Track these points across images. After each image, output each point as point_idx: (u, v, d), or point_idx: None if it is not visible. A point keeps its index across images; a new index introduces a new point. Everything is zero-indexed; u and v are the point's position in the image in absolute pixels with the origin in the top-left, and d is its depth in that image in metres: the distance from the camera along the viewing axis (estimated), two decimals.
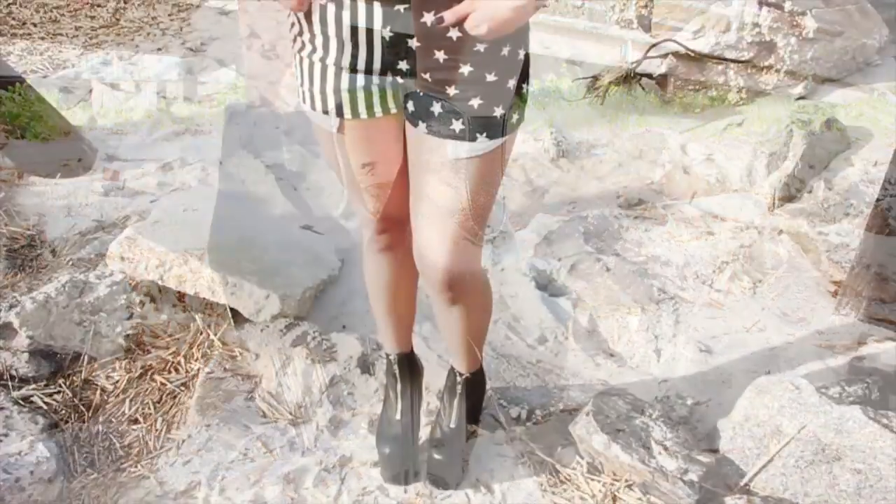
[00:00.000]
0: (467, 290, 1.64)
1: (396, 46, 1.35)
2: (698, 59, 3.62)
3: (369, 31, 1.34)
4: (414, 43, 1.34)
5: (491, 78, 1.37)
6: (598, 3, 4.40)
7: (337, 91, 1.43)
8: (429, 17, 1.30)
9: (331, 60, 1.40)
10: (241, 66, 4.07)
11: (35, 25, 4.75)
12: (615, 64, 3.58)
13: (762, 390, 1.97)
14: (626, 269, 2.65)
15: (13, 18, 4.85)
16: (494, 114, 1.40)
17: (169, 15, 4.87)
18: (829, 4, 3.89)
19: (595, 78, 3.59)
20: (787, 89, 3.79)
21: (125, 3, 5.04)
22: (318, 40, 1.39)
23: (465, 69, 1.35)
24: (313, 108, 1.48)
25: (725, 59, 3.63)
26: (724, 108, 3.71)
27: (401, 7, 1.30)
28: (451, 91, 1.37)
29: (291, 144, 3.33)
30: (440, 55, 1.34)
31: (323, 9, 1.34)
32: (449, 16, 1.28)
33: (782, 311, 2.52)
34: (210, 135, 3.43)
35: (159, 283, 2.34)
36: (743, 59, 3.66)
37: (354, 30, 1.34)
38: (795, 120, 3.26)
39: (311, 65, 1.43)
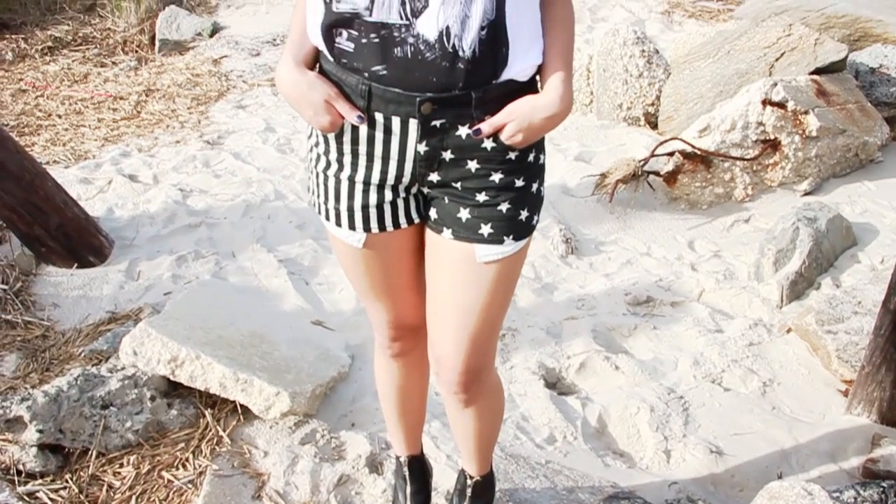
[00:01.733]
0: (482, 391, 1.66)
1: (430, 160, 1.38)
2: (704, 156, 3.69)
3: (402, 148, 1.37)
4: (448, 155, 1.38)
5: (519, 183, 1.41)
6: (605, 101, 4.51)
7: (365, 207, 1.45)
8: (464, 131, 1.35)
9: (360, 178, 1.42)
10: (257, 160, 4.17)
11: (60, 117, 4.89)
12: (623, 162, 3.65)
13: (774, 496, 1.95)
14: (635, 368, 2.66)
15: (40, 110, 5.00)
16: (521, 217, 1.44)
17: (188, 108, 5.01)
18: (830, 104, 3.98)
19: (603, 175, 3.66)
20: (792, 186, 3.85)
21: (147, 96, 5.20)
22: (347, 158, 1.41)
23: (497, 177, 1.40)
24: (338, 224, 1.49)
25: (731, 157, 3.70)
26: (730, 204, 3.76)
27: (437, 123, 1.34)
28: (482, 198, 1.41)
29: (304, 239, 3.38)
30: (473, 165, 1.38)
31: (354, 129, 1.37)
32: (486, 127, 1.34)
33: (793, 411, 2.51)
34: (225, 228, 3.48)
35: (171, 377, 2.36)
36: (748, 156, 3.73)
37: (387, 147, 1.37)
38: (801, 217, 3.30)
39: (338, 182, 1.45)
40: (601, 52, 4.55)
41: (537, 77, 1.40)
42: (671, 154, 3.70)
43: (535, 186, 1.45)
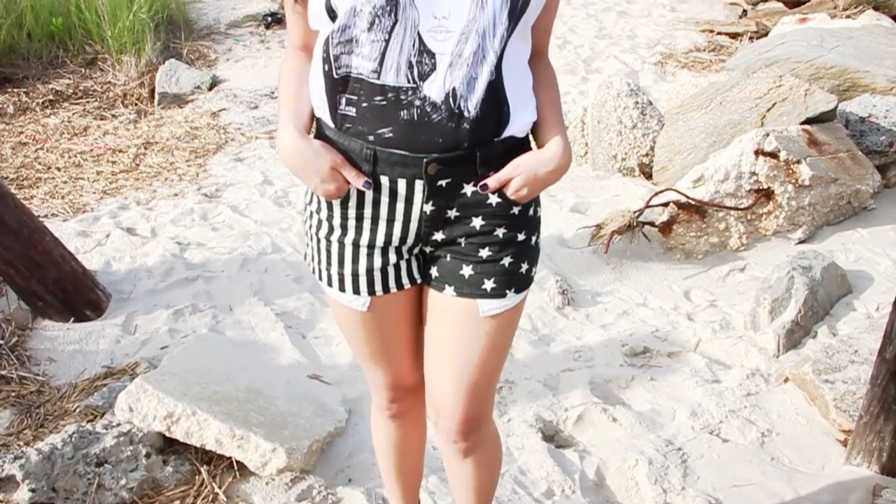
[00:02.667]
0: (480, 441, 1.66)
1: (435, 220, 1.40)
2: (699, 206, 3.72)
3: (408, 209, 1.39)
4: (453, 213, 1.40)
5: (521, 237, 1.45)
6: (600, 152, 4.56)
7: (370, 271, 1.46)
8: (469, 188, 1.38)
9: (364, 241, 1.43)
10: (255, 212, 4.19)
11: (59, 170, 4.93)
12: (618, 213, 3.68)
13: None
14: (633, 420, 2.65)
15: (39, 163, 5.04)
16: (521, 269, 1.47)
17: (187, 161, 5.05)
18: (822, 153, 4.03)
19: (598, 227, 3.69)
20: (786, 234, 3.87)
21: (146, 149, 5.25)
22: (351, 223, 1.42)
23: (500, 232, 1.43)
24: (342, 289, 1.49)
25: (726, 207, 3.73)
26: (725, 253, 3.78)
27: (443, 182, 1.36)
28: (485, 253, 1.43)
29: (301, 292, 3.39)
30: (478, 221, 1.41)
31: (360, 194, 1.39)
32: (493, 182, 1.37)
33: (792, 462, 2.50)
34: (222, 281, 3.49)
35: (166, 433, 2.35)
36: (742, 206, 3.76)
37: (392, 209, 1.39)
38: (796, 266, 3.31)
39: (342, 247, 1.45)
40: (595, 104, 4.62)
41: (530, 133, 1.45)
42: (666, 204, 3.73)
43: (534, 239, 1.49)
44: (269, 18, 7.63)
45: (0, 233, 3.02)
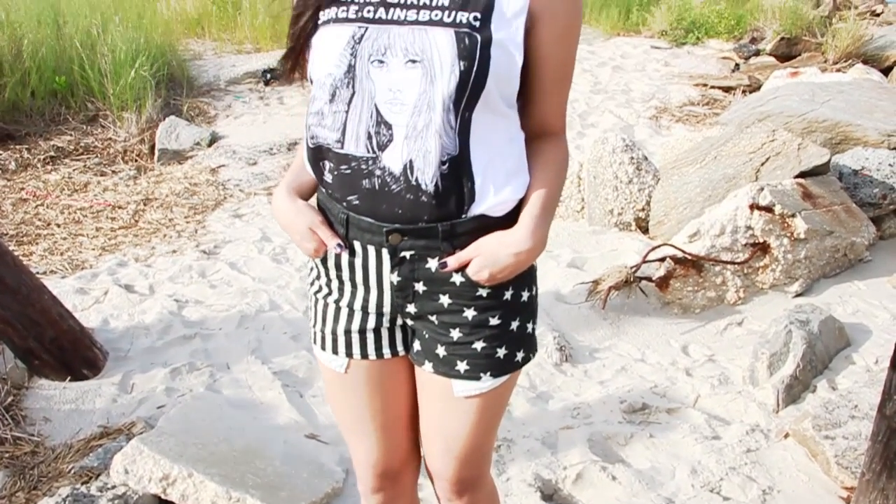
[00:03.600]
0: (477, 498, 1.65)
1: (404, 290, 1.41)
2: (695, 261, 3.74)
3: (379, 277, 1.41)
4: (420, 287, 1.40)
5: (494, 321, 1.42)
6: (597, 207, 4.59)
7: (348, 332, 1.48)
8: (433, 263, 1.37)
9: (344, 302, 1.46)
10: (253, 269, 4.20)
11: (59, 226, 4.95)
12: (615, 269, 3.70)
13: None
14: (632, 478, 2.62)
15: (39, 219, 5.07)
16: (498, 354, 1.44)
17: (185, 218, 5.08)
18: (816, 206, 4.06)
19: (595, 282, 3.70)
20: (783, 287, 3.88)
21: (145, 205, 5.28)
22: (334, 284, 1.46)
23: (470, 313, 1.41)
24: (323, 348, 1.52)
25: (722, 261, 3.75)
26: (723, 307, 3.79)
27: (406, 254, 1.37)
28: (455, 335, 1.42)
29: (299, 350, 3.38)
30: (445, 299, 1.40)
31: (337, 256, 1.42)
32: (452, 261, 1.36)
33: None
34: (220, 339, 3.49)
35: (162, 496, 2.32)
36: (739, 260, 3.78)
37: (366, 275, 1.41)
38: (794, 320, 3.32)
39: (326, 306, 1.49)
40: (591, 159, 4.67)
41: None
42: (662, 259, 3.75)
43: (514, 325, 1.44)
44: (268, 75, 7.74)
45: None
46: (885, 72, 8.27)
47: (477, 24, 1.27)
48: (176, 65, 7.54)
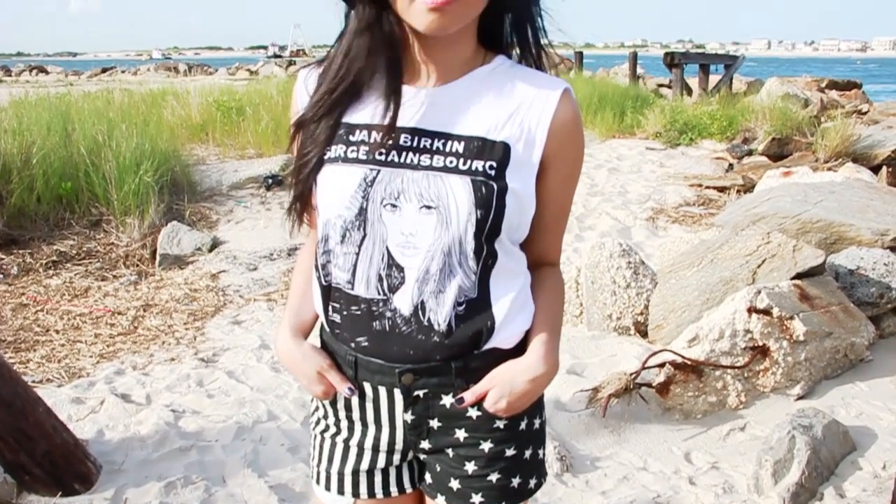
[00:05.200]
0: None
1: (418, 428, 1.39)
2: (695, 366, 3.72)
3: (392, 416, 1.39)
4: (435, 423, 1.39)
5: (510, 452, 1.41)
6: (595, 311, 4.60)
7: (356, 472, 1.45)
8: (448, 400, 1.36)
9: (354, 441, 1.44)
10: (251, 378, 4.18)
11: (57, 332, 4.94)
12: (614, 375, 3.68)
13: None
14: None
15: (38, 325, 5.06)
16: (513, 484, 1.42)
17: (185, 324, 5.08)
18: (814, 307, 4.07)
19: (595, 390, 3.68)
20: (785, 390, 3.86)
21: (145, 311, 5.29)
22: (343, 423, 1.44)
23: (486, 446, 1.39)
24: (328, 488, 1.48)
25: (722, 366, 3.74)
26: (725, 412, 3.75)
27: (420, 392, 1.36)
28: (471, 468, 1.40)
29: (296, 463, 3.33)
30: (461, 434, 1.39)
31: (347, 398, 1.41)
32: (469, 396, 1.35)
33: None
34: (216, 451, 3.43)
35: None
36: (739, 364, 3.76)
37: (378, 415, 1.40)
38: (797, 425, 3.28)
39: (333, 445, 1.46)
40: (589, 264, 4.70)
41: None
42: (662, 365, 3.74)
43: (528, 453, 1.44)
44: (270, 181, 7.89)
45: None
46: (875, 169, 8.43)
47: (493, 172, 1.27)
48: (179, 170, 7.69)
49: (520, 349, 1.38)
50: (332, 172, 1.32)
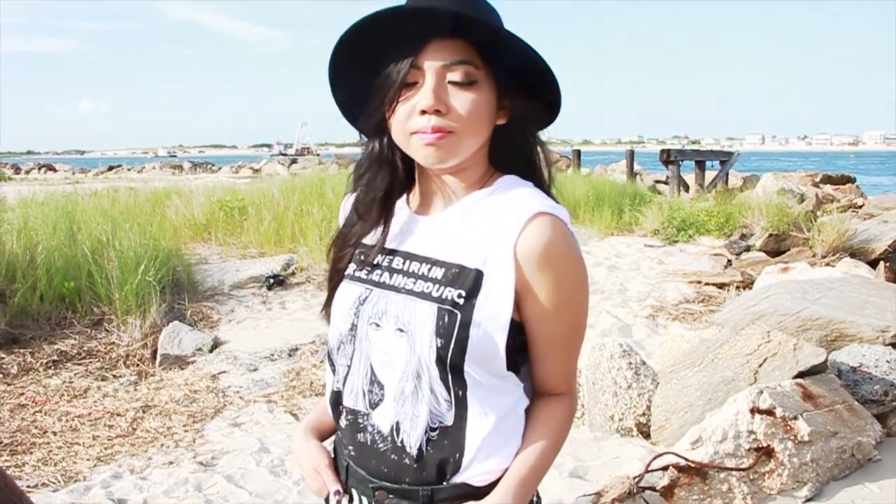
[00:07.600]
0: None
1: None
2: (699, 469, 3.67)
3: None
4: None
5: None
6: (597, 413, 4.56)
7: None
8: None
9: None
10: (250, 483, 4.12)
11: (55, 434, 4.89)
12: (617, 480, 3.62)
13: None
14: None
15: (36, 427, 5.01)
16: None
17: (184, 426, 5.02)
18: (818, 406, 4.04)
19: (598, 494, 3.61)
20: (792, 492, 3.79)
21: (144, 412, 5.24)
22: None
23: None
24: None
25: (726, 468, 3.69)
26: None
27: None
28: None
29: None
30: None
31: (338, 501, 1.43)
32: None
33: None
34: None
35: None
36: (743, 465, 3.71)
37: None
38: None
39: None
40: (589, 366, 4.70)
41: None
42: (665, 468, 3.69)
43: None
44: (272, 280, 7.93)
45: None
46: (872, 264, 8.48)
47: (461, 301, 1.27)
48: (181, 269, 7.75)
49: (494, 487, 1.33)
50: (342, 287, 1.43)
